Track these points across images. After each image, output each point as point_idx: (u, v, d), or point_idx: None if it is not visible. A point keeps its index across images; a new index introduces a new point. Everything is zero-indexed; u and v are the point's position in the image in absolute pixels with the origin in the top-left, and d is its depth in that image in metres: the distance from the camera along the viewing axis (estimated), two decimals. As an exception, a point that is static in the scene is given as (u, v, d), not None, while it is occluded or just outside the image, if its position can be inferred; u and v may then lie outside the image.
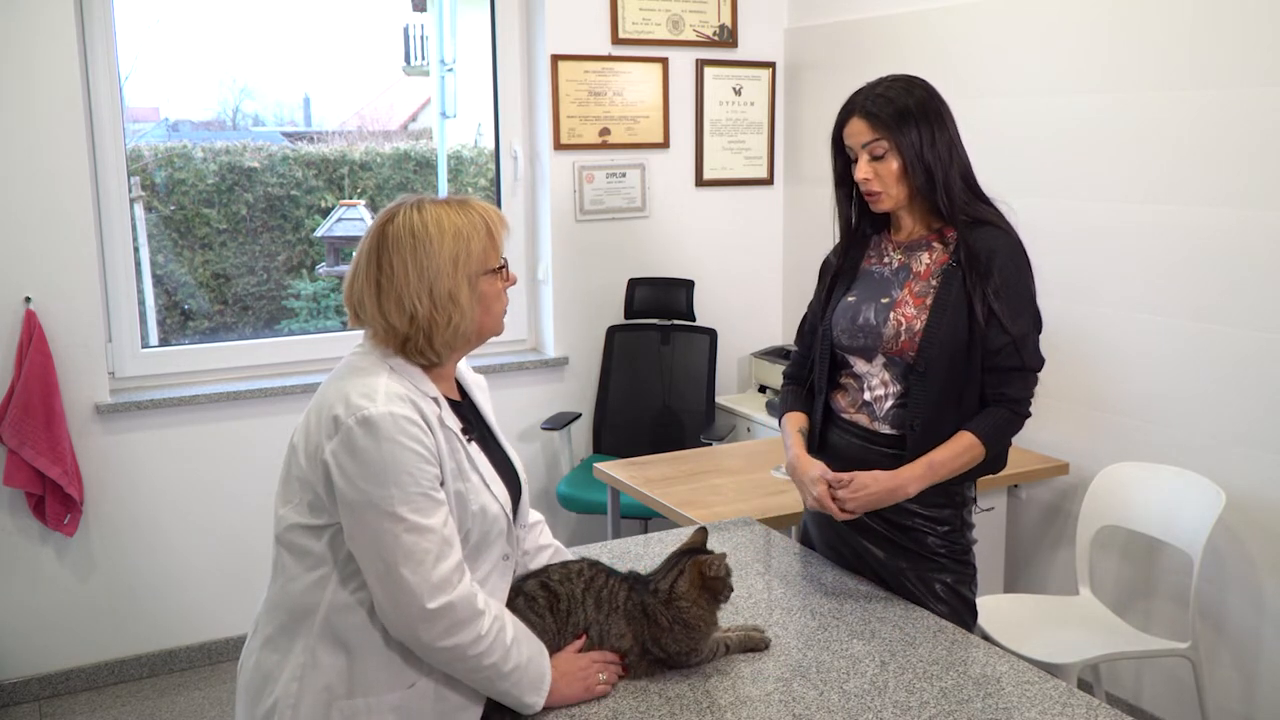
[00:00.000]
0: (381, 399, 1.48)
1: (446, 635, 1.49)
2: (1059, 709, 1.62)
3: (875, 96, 1.96)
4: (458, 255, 1.55)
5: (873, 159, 1.97)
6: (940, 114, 1.97)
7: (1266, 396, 2.77)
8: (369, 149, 4.33)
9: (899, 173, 1.96)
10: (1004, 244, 1.95)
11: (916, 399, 1.97)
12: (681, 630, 1.69)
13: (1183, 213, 2.92)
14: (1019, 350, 1.95)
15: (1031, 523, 3.48)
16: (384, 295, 1.55)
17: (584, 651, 1.67)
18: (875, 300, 2.03)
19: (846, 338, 2.05)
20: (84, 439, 3.40)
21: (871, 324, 2.01)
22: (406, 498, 1.46)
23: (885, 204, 2.00)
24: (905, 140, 1.94)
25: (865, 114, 1.96)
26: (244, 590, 3.60)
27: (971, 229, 1.96)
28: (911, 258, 2.03)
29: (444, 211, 1.58)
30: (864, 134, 1.96)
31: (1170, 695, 3.11)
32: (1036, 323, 2.00)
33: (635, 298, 4.14)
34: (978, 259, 1.93)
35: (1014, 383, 1.96)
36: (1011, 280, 1.94)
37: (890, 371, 2.01)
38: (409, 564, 1.46)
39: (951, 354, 1.94)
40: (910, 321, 1.97)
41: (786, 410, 2.21)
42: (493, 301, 1.61)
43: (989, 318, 1.93)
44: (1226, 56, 2.77)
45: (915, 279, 2.01)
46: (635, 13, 4.09)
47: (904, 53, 3.72)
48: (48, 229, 3.28)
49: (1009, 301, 1.93)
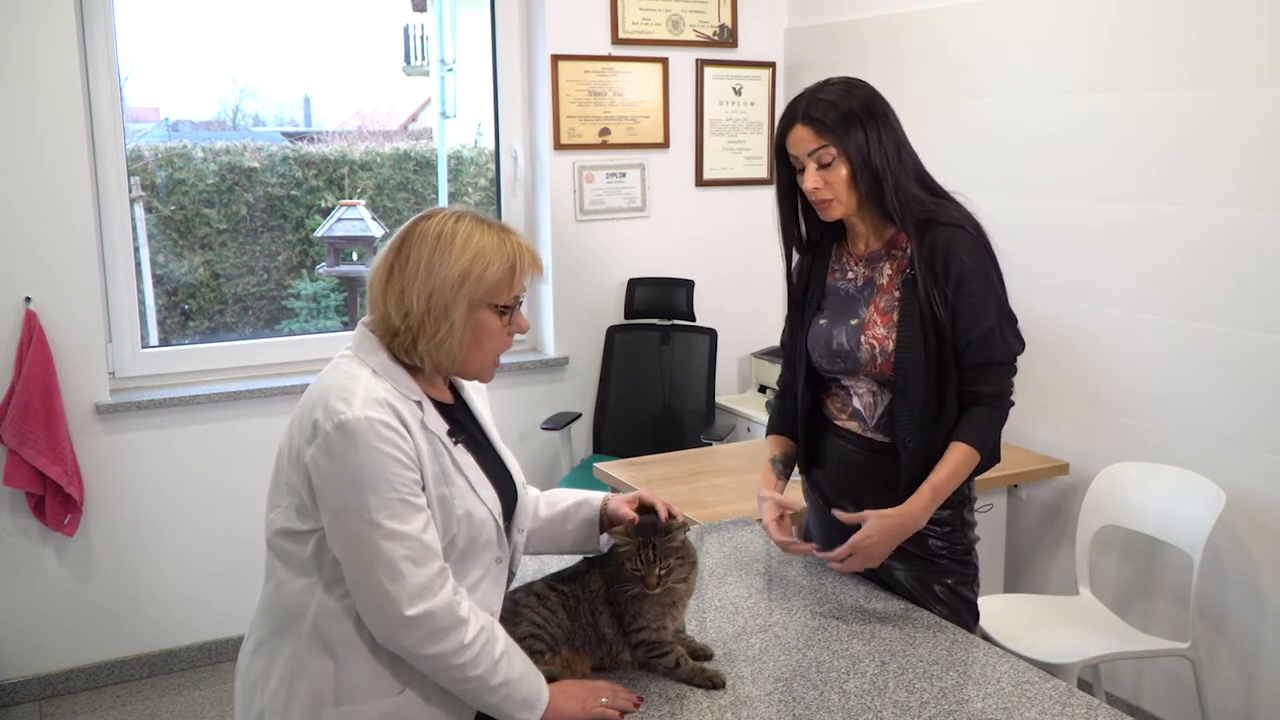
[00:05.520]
0: (359, 403, 1.47)
1: (428, 643, 1.47)
2: (1059, 709, 1.62)
3: (817, 102, 1.91)
4: (469, 273, 1.53)
5: (820, 167, 1.92)
6: (885, 114, 1.93)
7: (1266, 396, 2.77)
8: (369, 149, 4.33)
9: (848, 179, 1.92)
10: (960, 241, 1.91)
11: (902, 414, 1.95)
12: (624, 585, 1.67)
13: (1183, 213, 2.92)
14: (988, 345, 1.93)
15: (1031, 523, 3.48)
16: (392, 283, 1.54)
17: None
18: (845, 322, 2.01)
19: (825, 362, 2.04)
20: (84, 439, 3.40)
21: (845, 349, 2.00)
22: (383, 504, 1.45)
23: (836, 211, 1.96)
24: (852, 144, 1.89)
25: (809, 120, 1.91)
26: (244, 590, 3.59)
27: (925, 231, 1.92)
28: (874, 270, 2.01)
29: (478, 230, 1.56)
30: (809, 141, 1.91)
31: (1170, 695, 3.11)
32: (1004, 313, 1.96)
33: (635, 298, 4.14)
34: (933, 262, 1.90)
35: (988, 378, 1.95)
36: (970, 276, 1.90)
37: (876, 384, 2.01)
38: (387, 571, 1.45)
39: (928, 363, 1.92)
40: (882, 343, 1.95)
41: (770, 429, 2.23)
42: (486, 337, 1.57)
43: (954, 317, 1.91)
44: (1226, 56, 2.77)
45: (879, 293, 1.98)
46: (635, 13, 4.09)
47: (904, 53, 3.72)
48: (48, 229, 3.28)
49: (970, 298, 1.91)
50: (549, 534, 1.83)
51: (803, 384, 2.10)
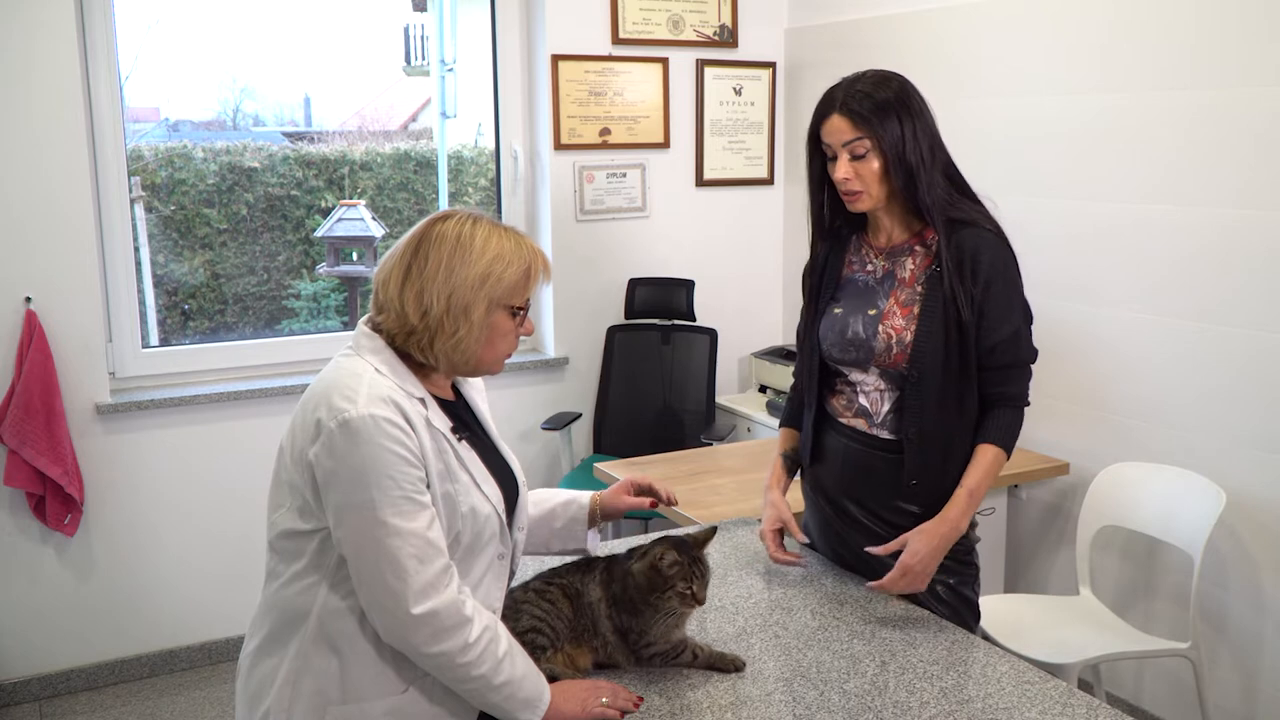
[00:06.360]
0: (362, 401, 1.47)
1: (432, 642, 1.47)
2: (1059, 709, 1.62)
3: (855, 93, 1.91)
4: (489, 275, 1.55)
5: (853, 158, 1.92)
6: (921, 110, 1.93)
7: (1267, 397, 2.77)
8: (369, 149, 4.33)
9: (880, 172, 1.92)
10: (987, 242, 1.92)
11: (911, 407, 1.96)
12: (627, 605, 1.71)
13: (1183, 213, 2.92)
14: (1014, 346, 1.94)
15: (1032, 523, 3.48)
16: (409, 283, 1.55)
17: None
18: (862, 312, 2.01)
19: (837, 351, 2.04)
20: (84, 439, 3.41)
21: (861, 337, 1.99)
22: (388, 501, 1.45)
23: (864, 204, 1.96)
24: (888, 138, 1.89)
25: (847, 111, 1.91)
26: (244, 590, 3.60)
27: (953, 230, 1.93)
28: (895, 264, 2.01)
29: (495, 233, 1.58)
30: (845, 132, 1.91)
31: (1170, 695, 3.11)
32: (1026, 316, 1.98)
33: (635, 298, 4.14)
34: (961, 262, 1.91)
35: (1012, 379, 1.96)
36: (998, 278, 1.92)
37: (885, 380, 2.00)
38: (392, 569, 1.45)
39: (944, 360, 1.93)
40: (900, 333, 1.96)
41: (782, 421, 2.25)
42: (499, 338, 1.60)
43: (979, 318, 1.92)
44: (1226, 56, 2.77)
45: (900, 286, 1.99)
46: (635, 13, 4.09)
47: (904, 53, 3.72)
48: (48, 229, 3.28)
49: (997, 299, 1.92)
50: (535, 533, 1.84)
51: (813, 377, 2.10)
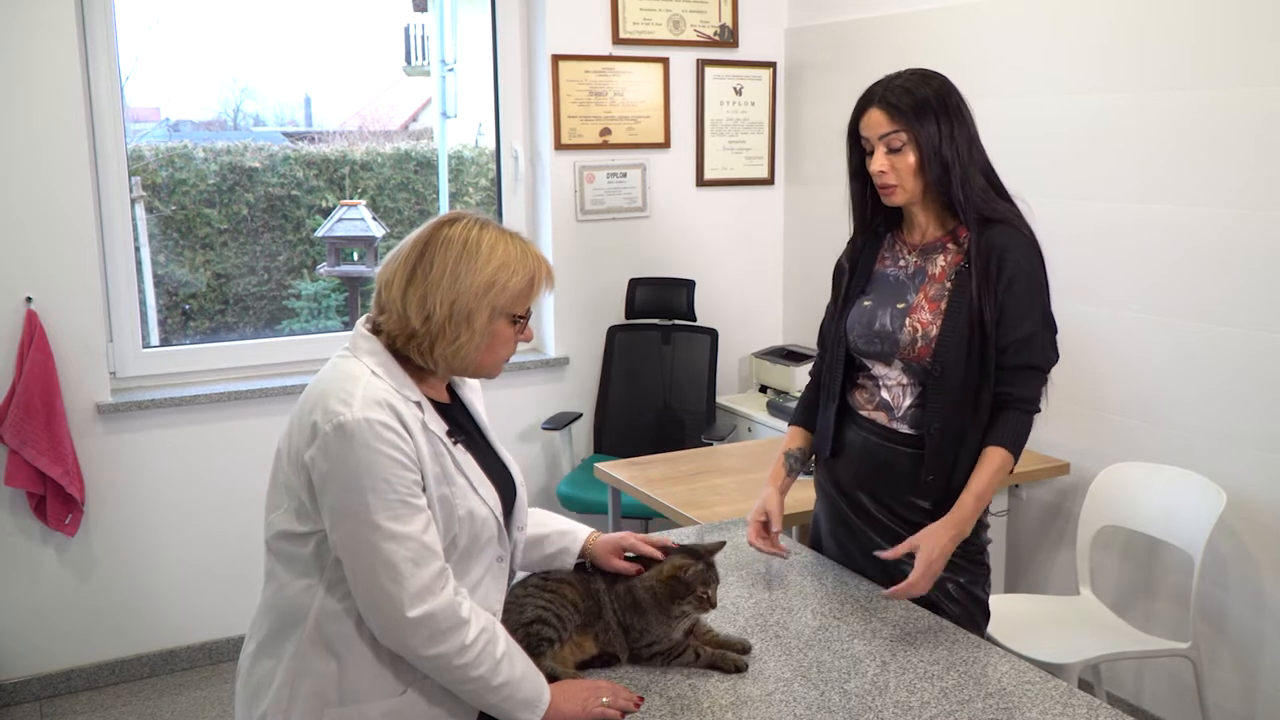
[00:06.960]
0: (358, 404, 1.46)
1: (430, 644, 1.47)
2: (1060, 709, 1.62)
3: (895, 88, 1.95)
4: (494, 283, 1.54)
5: (889, 151, 1.95)
6: (960, 108, 1.96)
7: (1267, 396, 2.77)
8: (370, 149, 4.33)
9: (915, 166, 1.94)
10: (1016, 242, 1.94)
11: (934, 402, 1.97)
12: (633, 606, 1.74)
13: (1183, 213, 2.92)
14: (1028, 349, 1.95)
15: (1032, 523, 3.48)
16: (413, 286, 1.54)
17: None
18: (891, 305, 2.03)
19: (863, 343, 2.05)
20: (85, 439, 3.41)
21: (888, 330, 2.01)
22: (384, 505, 1.45)
23: (899, 197, 1.99)
24: (924, 133, 1.92)
25: (885, 105, 1.94)
26: (244, 590, 3.59)
27: (984, 228, 1.95)
28: (927, 260, 2.03)
29: (502, 239, 1.58)
30: (882, 125, 1.94)
31: (1171, 695, 3.11)
32: (1048, 322, 1.99)
33: (636, 298, 4.14)
34: (988, 259, 1.93)
35: (1022, 382, 1.96)
36: (1022, 278, 1.93)
37: (908, 375, 2.01)
38: (388, 572, 1.45)
39: (967, 356, 1.94)
40: (926, 327, 1.97)
41: (792, 419, 2.25)
42: (499, 345, 1.60)
43: (999, 315, 1.93)
44: (1226, 56, 2.77)
45: (930, 281, 2.00)
46: (636, 13, 4.09)
47: (904, 53, 3.71)
48: (48, 229, 3.28)
49: (1019, 298, 1.93)
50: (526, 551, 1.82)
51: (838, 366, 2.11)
